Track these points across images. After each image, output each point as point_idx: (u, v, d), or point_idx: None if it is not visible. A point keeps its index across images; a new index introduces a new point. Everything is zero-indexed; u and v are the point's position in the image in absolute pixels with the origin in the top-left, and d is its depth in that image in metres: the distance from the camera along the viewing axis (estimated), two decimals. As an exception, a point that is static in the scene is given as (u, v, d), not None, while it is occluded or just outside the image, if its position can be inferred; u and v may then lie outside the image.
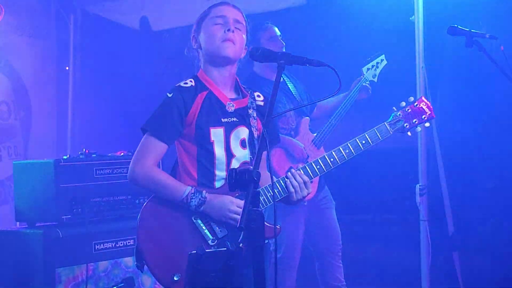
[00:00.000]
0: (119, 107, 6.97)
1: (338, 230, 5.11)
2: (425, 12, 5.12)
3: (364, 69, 5.15)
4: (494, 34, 4.29)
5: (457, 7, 5.46)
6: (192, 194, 2.98)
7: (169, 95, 3.08)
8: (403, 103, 3.33)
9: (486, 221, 5.83)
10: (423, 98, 3.37)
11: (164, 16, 6.78)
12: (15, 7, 6.77)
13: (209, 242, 2.98)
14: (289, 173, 3.07)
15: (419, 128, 3.34)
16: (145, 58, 7.17)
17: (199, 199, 2.97)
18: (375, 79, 5.14)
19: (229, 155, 3.10)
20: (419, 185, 5.14)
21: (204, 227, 3.01)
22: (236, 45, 3.08)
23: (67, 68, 7.40)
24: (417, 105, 3.31)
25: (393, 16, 5.60)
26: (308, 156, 4.86)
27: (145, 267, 3.02)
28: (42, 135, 7.10)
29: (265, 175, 3.00)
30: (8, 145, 6.82)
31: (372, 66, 5.15)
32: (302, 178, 3.05)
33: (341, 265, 5.13)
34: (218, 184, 3.08)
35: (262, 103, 3.26)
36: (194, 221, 3.02)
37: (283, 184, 3.06)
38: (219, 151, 3.08)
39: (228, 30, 3.07)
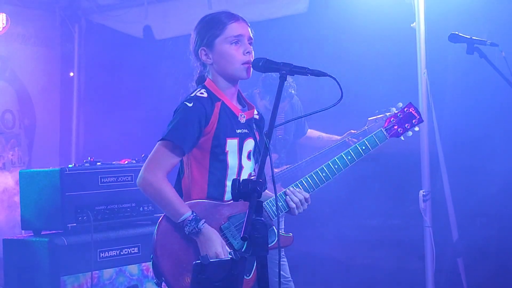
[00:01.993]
0: (123, 115, 7.00)
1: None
2: (426, 19, 5.14)
3: (371, 119, 5.17)
4: (495, 41, 4.31)
5: (458, 13, 5.48)
6: (188, 222, 2.94)
7: (189, 105, 3.00)
8: (394, 109, 3.43)
9: (490, 227, 5.84)
10: (411, 103, 3.47)
11: (167, 25, 6.82)
12: (21, 17, 6.82)
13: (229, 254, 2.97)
14: (288, 190, 3.11)
15: (410, 133, 3.46)
16: (149, 66, 7.21)
17: (193, 228, 2.94)
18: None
19: (240, 166, 3.11)
20: (423, 191, 5.14)
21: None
22: (251, 64, 3.04)
23: (71, 74, 7.45)
24: (406, 110, 3.43)
25: (394, 23, 5.62)
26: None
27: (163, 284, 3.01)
28: (47, 144, 7.14)
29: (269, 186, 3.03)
30: (12, 153, 6.86)
31: (380, 119, 5.14)
32: (302, 195, 3.11)
33: (285, 262, 5.13)
34: (227, 195, 3.08)
35: (257, 117, 3.28)
36: None
37: (282, 201, 3.12)
38: (232, 162, 3.08)
39: (248, 52, 3.07)
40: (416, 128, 3.46)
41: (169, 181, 3.04)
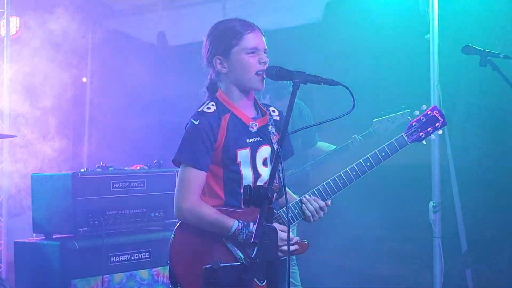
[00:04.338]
0: (136, 121, 7.03)
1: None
2: (440, 30, 5.14)
3: (376, 121, 5.18)
4: (509, 54, 4.30)
5: (472, 25, 5.48)
6: (239, 230, 2.98)
7: (195, 122, 3.04)
8: (417, 112, 3.38)
9: (499, 238, 5.82)
10: (435, 106, 3.42)
11: (181, 32, 6.85)
12: (34, 21, 6.86)
13: (243, 262, 2.98)
14: (304, 198, 3.12)
15: (433, 136, 3.38)
16: (162, 72, 7.24)
17: (246, 234, 2.99)
18: (387, 133, 5.17)
19: (256, 174, 3.12)
20: (433, 203, 5.14)
21: (236, 248, 3.04)
22: (265, 74, 3.07)
23: (84, 80, 7.48)
24: (430, 113, 3.37)
25: (408, 34, 5.63)
26: None
27: None
28: (59, 148, 7.17)
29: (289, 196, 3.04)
30: (24, 157, 6.90)
31: (385, 120, 5.17)
32: (318, 204, 3.10)
33: (296, 270, 5.16)
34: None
35: (278, 118, 3.28)
36: (226, 242, 3.05)
37: (298, 208, 3.12)
38: (246, 172, 3.10)
39: (264, 63, 3.08)
40: (440, 131, 3.38)
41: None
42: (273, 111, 3.29)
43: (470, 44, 4.37)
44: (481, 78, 5.32)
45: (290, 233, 3.06)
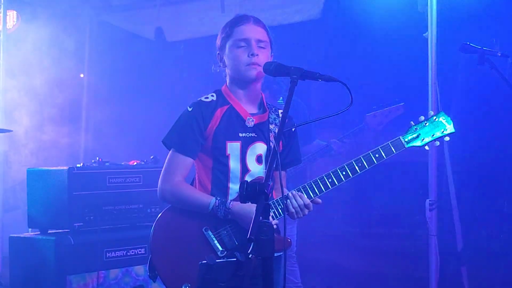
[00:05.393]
0: (133, 116, 7.02)
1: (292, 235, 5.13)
2: (438, 29, 5.14)
3: (369, 115, 5.18)
4: (507, 52, 4.31)
5: (470, 24, 5.49)
6: (217, 207, 3.03)
7: (189, 109, 3.12)
8: (422, 117, 3.29)
9: (494, 237, 5.83)
10: (443, 112, 3.32)
11: (179, 28, 6.83)
12: (31, 16, 6.84)
13: (219, 253, 3.02)
14: (290, 194, 3.09)
15: (437, 143, 3.28)
16: (160, 68, 7.23)
17: (224, 210, 3.03)
18: (380, 127, 5.18)
19: (244, 169, 3.13)
20: (429, 200, 5.13)
21: (214, 239, 3.05)
22: (261, 66, 3.06)
23: (81, 75, 7.46)
24: (435, 119, 3.28)
25: (406, 32, 5.63)
26: None
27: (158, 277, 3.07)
28: (55, 143, 7.15)
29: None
30: (20, 151, 6.89)
31: (379, 113, 5.17)
32: (302, 201, 3.07)
33: (296, 268, 5.16)
34: (231, 197, 3.11)
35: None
36: (205, 232, 3.06)
37: (282, 204, 3.10)
38: (234, 165, 3.12)
39: (252, 54, 3.09)
40: (446, 138, 3.28)
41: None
42: (281, 112, 3.28)
43: (468, 43, 4.38)
44: (478, 76, 5.33)
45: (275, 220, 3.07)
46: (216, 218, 3.05)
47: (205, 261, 2.80)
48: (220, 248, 3.03)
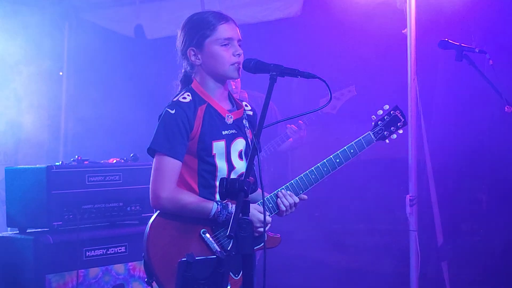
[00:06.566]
0: (113, 114, 6.99)
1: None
2: (417, 25, 5.16)
3: (322, 100, 5.31)
4: (485, 48, 4.35)
5: (448, 21, 5.52)
6: (219, 212, 3.00)
7: (171, 111, 3.03)
8: (380, 111, 3.43)
9: (474, 232, 5.88)
10: (397, 106, 3.49)
11: (159, 25, 6.80)
12: (9, 13, 6.78)
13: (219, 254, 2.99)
14: (279, 192, 3.15)
15: (394, 136, 3.45)
16: (139, 66, 7.20)
17: (226, 215, 3.00)
18: (334, 111, 5.37)
19: (231, 167, 3.13)
20: (409, 196, 5.17)
21: (212, 241, 3.04)
22: (241, 64, 3.07)
23: (60, 73, 7.41)
24: (393, 113, 3.44)
25: (385, 28, 5.66)
26: None
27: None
28: (34, 141, 7.10)
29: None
30: (-1, 150, 6.84)
31: (334, 98, 5.35)
32: (293, 199, 3.15)
33: None
34: (218, 196, 3.10)
35: (251, 113, 3.31)
36: (203, 235, 3.04)
37: (273, 202, 3.15)
38: (221, 164, 3.10)
39: (238, 54, 3.09)
40: (400, 131, 3.46)
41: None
42: (246, 105, 3.31)
43: (446, 39, 4.41)
44: (457, 72, 5.37)
45: (267, 216, 3.09)
46: (214, 221, 3.03)
47: (184, 259, 2.79)
48: (219, 250, 3.02)
